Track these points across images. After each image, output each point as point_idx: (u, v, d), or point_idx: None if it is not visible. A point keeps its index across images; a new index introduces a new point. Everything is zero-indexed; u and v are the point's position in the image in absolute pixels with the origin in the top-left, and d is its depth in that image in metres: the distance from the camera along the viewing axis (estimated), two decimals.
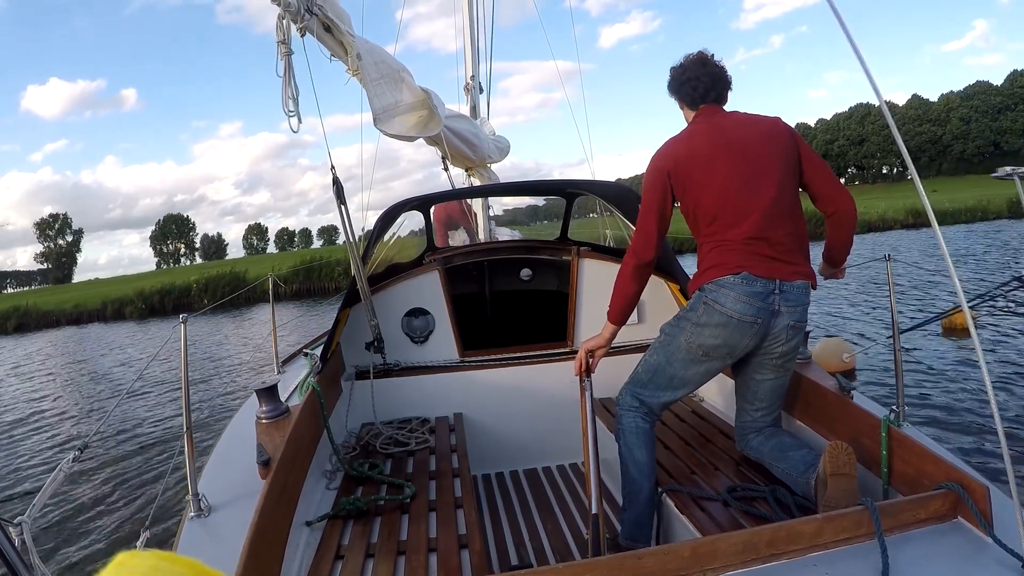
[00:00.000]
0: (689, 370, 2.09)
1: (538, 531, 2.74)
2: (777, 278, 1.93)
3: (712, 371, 2.11)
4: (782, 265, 1.94)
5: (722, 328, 1.97)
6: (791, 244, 1.96)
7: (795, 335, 2.01)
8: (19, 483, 6.25)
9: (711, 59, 2.11)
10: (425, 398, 3.24)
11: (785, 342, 2.00)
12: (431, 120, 2.99)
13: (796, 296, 1.96)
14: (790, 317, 1.97)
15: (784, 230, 1.95)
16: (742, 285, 1.93)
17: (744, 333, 1.97)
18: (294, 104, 2.17)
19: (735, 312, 1.94)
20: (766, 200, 1.94)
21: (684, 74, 2.11)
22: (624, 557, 1.36)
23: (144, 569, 0.32)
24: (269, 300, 4.26)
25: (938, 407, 5.55)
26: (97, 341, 19.24)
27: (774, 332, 1.98)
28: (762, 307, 1.94)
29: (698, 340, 2.02)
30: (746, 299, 1.93)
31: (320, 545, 1.93)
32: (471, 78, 6.56)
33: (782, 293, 1.94)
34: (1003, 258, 15.48)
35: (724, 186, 1.97)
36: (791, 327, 1.98)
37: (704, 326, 2.00)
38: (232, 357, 12.36)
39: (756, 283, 1.93)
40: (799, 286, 1.96)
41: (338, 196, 2.54)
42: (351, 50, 2.46)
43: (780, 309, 1.95)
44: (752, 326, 1.95)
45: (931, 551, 1.44)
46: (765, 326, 1.96)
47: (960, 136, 77.21)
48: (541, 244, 4.00)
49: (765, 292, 1.93)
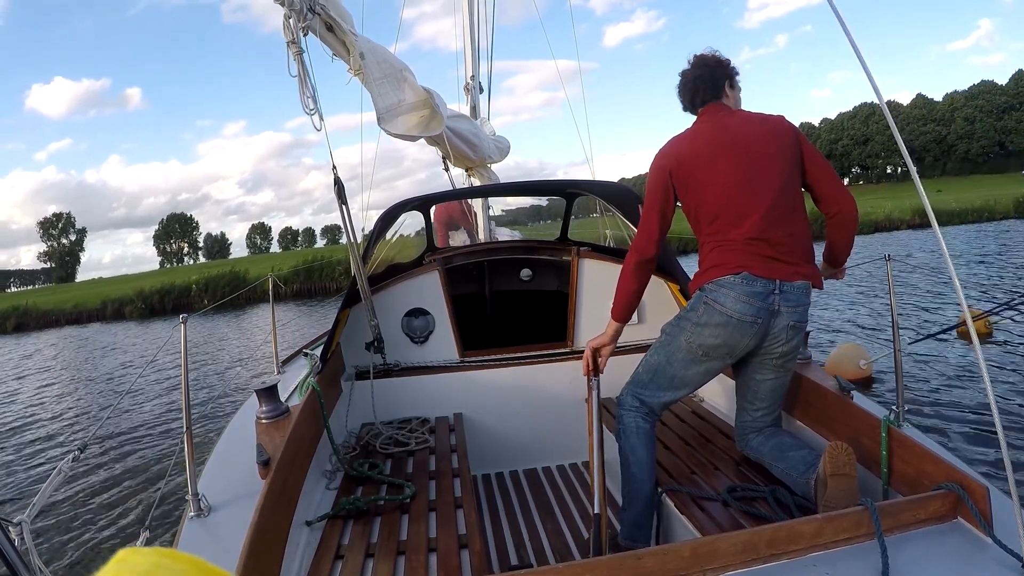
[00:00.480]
0: (689, 370, 2.09)
1: (538, 531, 2.74)
2: (778, 278, 1.93)
3: (712, 371, 2.11)
4: (783, 265, 1.94)
5: (722, 328, 1.97)
6: (793, 245, 1.96)
7: (795, 335, 2.01)
8: (19, 483, 6.25)
9: (700, 60, 2.12)
10: (425, 398, 3.24)
11: (785, 342, 2.00)
12: (433, 120, 3.00)
13: (796, 296, 1.96)
14: (790, 317, 1.97)
15: (786, 230, 1.95)
16: (742, 285, 1.93)
17: (744, 333, 1.97)
18: (313, 102, 2.19)
19: (735, 312, 1.94)
20: (768, 200, 1.94)
21: (679, 82, 2.16)
22: (624, 557, 1.36)
23: (145, 566, 0.32)
24: (269, 300, 4.26)
25: (938, 407, 5.55)
26: (96, 342, 19.24)
27: (774, 332, 1.98)
28: (762, 307, 1.94)
29: (698, 340, 2.03)
30: (746, 299, 1.93)
31: (320, 545, 1.92)
32: (471, 78, 6.56)
33: (782, 293, 1.94)
34: (1021, 259, 15.22)
35: (726, 185, 1.97)
36: (791, 327, 1.98)
37: (704, 326, 2.01)
38: (232, 357, 12.36)
39: (756, 283, 1.93)
40: (799, 286, 1.96)
41: (339, 196, 2.54)
42: (353, 50, 2.47)
43: (780, 309, 1.95)
44: (752, 326, 1.95)
45: (931, 551, 1.44)
46: (765, 326, 1.96)
47: (964, 136, 76.83)
48: (541, 244, 4.00)
49: (765, 292, 1.93)
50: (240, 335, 15.87)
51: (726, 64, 2.13)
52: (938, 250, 15.81)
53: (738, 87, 2.16)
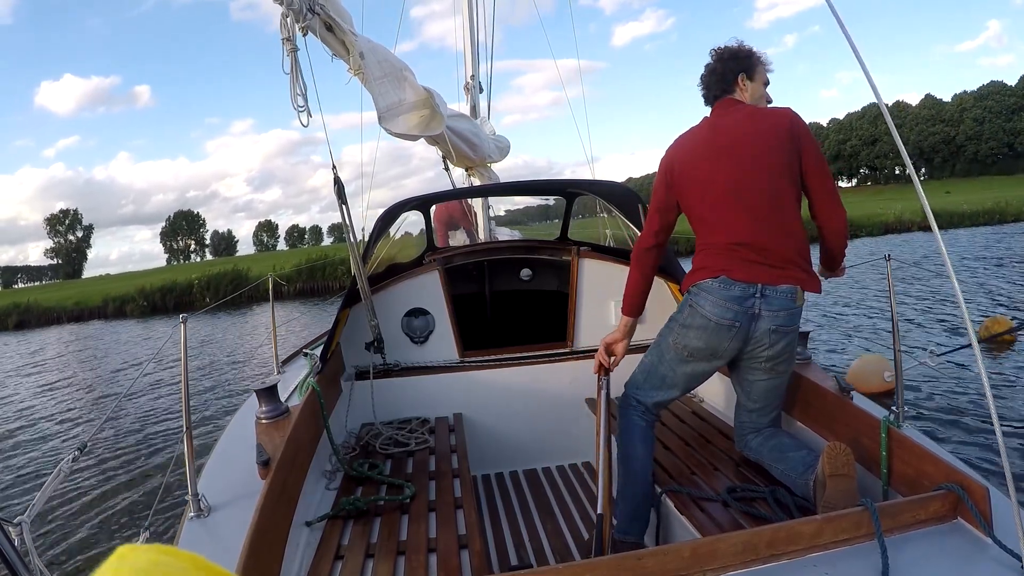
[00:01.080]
0: (678, 370, 2.11)
1: (538, 532, 2.74)
2: (759, 282, 1.92)
3: (700, 372, 2.11)
4: (767, 269, 1.92)
5: (702, 331, 1.99)
6: (780, 249, 1.93)
7: (780, 339, 1.98)
8: (19, 483, 6.25)
9: (715, 54, 2.12)
10: (425, 398, 3.23)
11: (769, 346, 1.98)
12: (433, 119, 3.00)
13: (780, 301, 1.93)
14: (772, 321, 1.94)
15: (773, 235, 1.93)
16: (720, 289, 1.94)
17: (723, 336, 1.97)
18: (303, 99, 2.20)
19: (713, 315, 1.95)
20: (754, 204, 1.93)
21: (701, 80, 2.16)
22: (624, 557, 1.36)
23: (144, 563, 0.32)
24: (269, 299, 4.27)
25: (938, 408, 5.54)
26: (97, 340, 19.23)
27: (756, 336, 1.97)
28: (739, 311, 1.93)
29: (683, 341, 2.05)
30: (723, 303, 1.94)
31: (320, 545, 1.93)
32: (471, 77, 6.57)
33: (764, 297, 1.92)
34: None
35: (711, 189, 1.99)
36: (773, 331, 1.95)
37: (688, 328, 2.03)
38: (233, 357, 12.36)
39: (734, 287, 1.93)
40: (784, 291, 1.93)
41: (339, 196, 2.54)
42: (353, 49, 2.47)
43: (761, 313, 1.94)
44: (730, 329, 1.96)
45: (931, 552, 1.44)
46: (745, 330, 1.96)
47: (973, 137, 76.59)
48: (541, 244, 4.00)
49: (743, 296, 1.92)
50: (240, 334, 15.86)
51: (744, 56, 2.07)
52: (959, 251, 15.29)
53: (761, 79, 2.09)
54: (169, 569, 0.32)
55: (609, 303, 3.43)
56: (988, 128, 75.70)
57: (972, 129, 76.65)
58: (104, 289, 31.26)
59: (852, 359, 7.39)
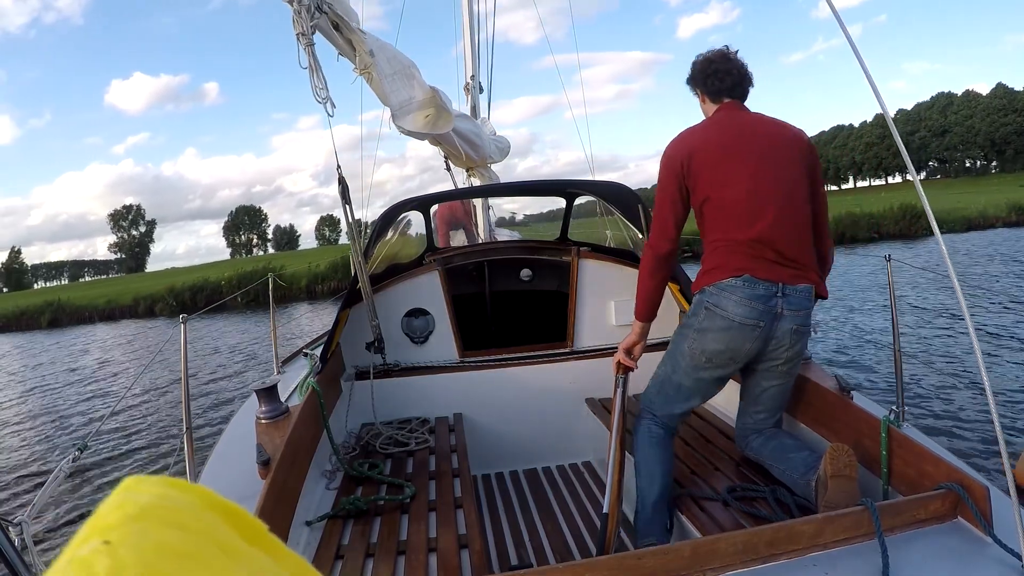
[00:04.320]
0: (696, 378, 2.06)
1: (538, 531, 2.74)
2: (780, 281, 1.91)
3: (717, 379, 2.08)
4: (786, 269, 1.92)
5: (724, 332, 1.94)
6: (797, 251, 1.93)
7: (799, 339, 1.98)
8: (19, 483, 6.25)
9: (735, 55, 2.08)
10: (425, 398, 3.23)
11: (789, 347, 1.98)
12: (440, 117, 2.98)
13: (799, 300, 1.93)
14: (793, 321, 1.94)
15: (791, 237, 1.92)
16: (744, 288, 1.90)
17: (746, 337, 1.94)
18: (324, 91, 2.22)
19: (737, 315, 1.91)
20: (780, 204, 1.91)
21: (711, 66, 2.05)
22: (624, 557, 1.36)
23: (151, 496, 0.30)
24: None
25: (938, 407, 5.54)
26: (108, 343, 19.15)
27: (778, 336, 1.95)
28: (764, 310, 1.91)
29: (701, 346, 2.00)
30: (748, 302, 1.90)
31: (320, 545, 1.92)
32: (471, 78, 6.56)
33: (785, 296, 1.91)
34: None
35: (736, 185, 1.92)
36: (795, 331, 1.95)
37: (706, 331, 1.97)
38: (234, 357, 12.35)
39: (758, 286, 1.90)
40: (802, 290, 1.93)
41: (342, 195, 2.54)
42: (360, 48, 2.46)
43: (783, 312, 1.92)
44: (754, 330, 1.93)
45: (931, 551, 1.44)
46: (768, 330, 1.93)
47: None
48: (541, 244, 4.00)
49: (767, 295, 1.90)
50: (247, 336, 15.84)
51: (749, 79, 2.11)
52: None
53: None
54: (176, 503, 0.31)
55: (609, 303, 3.43)
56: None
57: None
58: (165, 282, 30.88)
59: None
